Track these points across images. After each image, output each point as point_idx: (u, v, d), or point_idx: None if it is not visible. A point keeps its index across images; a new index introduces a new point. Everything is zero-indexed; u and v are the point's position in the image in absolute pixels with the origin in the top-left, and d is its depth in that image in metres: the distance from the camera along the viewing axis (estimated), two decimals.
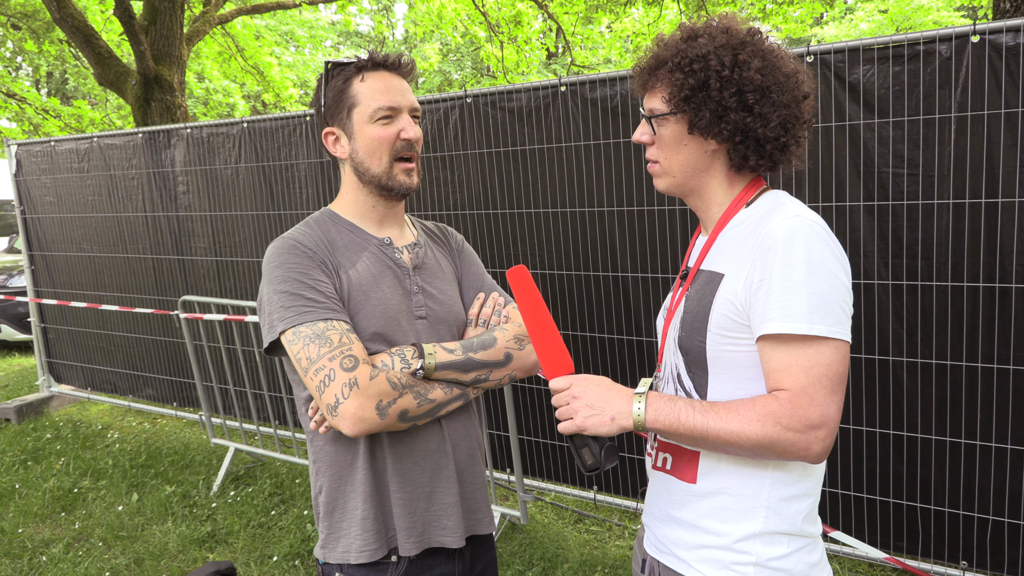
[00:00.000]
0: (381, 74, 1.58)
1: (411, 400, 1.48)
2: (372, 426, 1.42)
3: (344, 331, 1.46)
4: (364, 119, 1.56)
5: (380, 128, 1.56)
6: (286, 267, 1.50)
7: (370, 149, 1.57)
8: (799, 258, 1.21)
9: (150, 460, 4.84)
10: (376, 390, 1.42)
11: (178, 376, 5.43)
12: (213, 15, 8.73)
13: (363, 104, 1.56)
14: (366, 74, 1.57)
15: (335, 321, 1.46)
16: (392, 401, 1.44)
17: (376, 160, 1.58)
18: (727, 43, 1.30)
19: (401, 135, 1.57)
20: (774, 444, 1.22)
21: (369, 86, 1.56)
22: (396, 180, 1.60)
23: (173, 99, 7.30)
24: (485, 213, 3.70)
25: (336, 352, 1.42)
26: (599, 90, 3.28)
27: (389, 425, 1.45)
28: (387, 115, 1.56)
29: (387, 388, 1.44)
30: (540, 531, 3.76)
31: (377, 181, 1.59)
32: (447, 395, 1.55)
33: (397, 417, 1.46)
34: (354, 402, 1.39)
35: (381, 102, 1.55)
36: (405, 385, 1.47)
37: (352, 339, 1.46)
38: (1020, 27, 2.46)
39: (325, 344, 1.42)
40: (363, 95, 1.56)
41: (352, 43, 26.74)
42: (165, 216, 5.06)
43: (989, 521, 2.82)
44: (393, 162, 1.58)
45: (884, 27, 18.12)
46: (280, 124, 4.36)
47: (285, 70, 14.99)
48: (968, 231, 2.65)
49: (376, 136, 1.56)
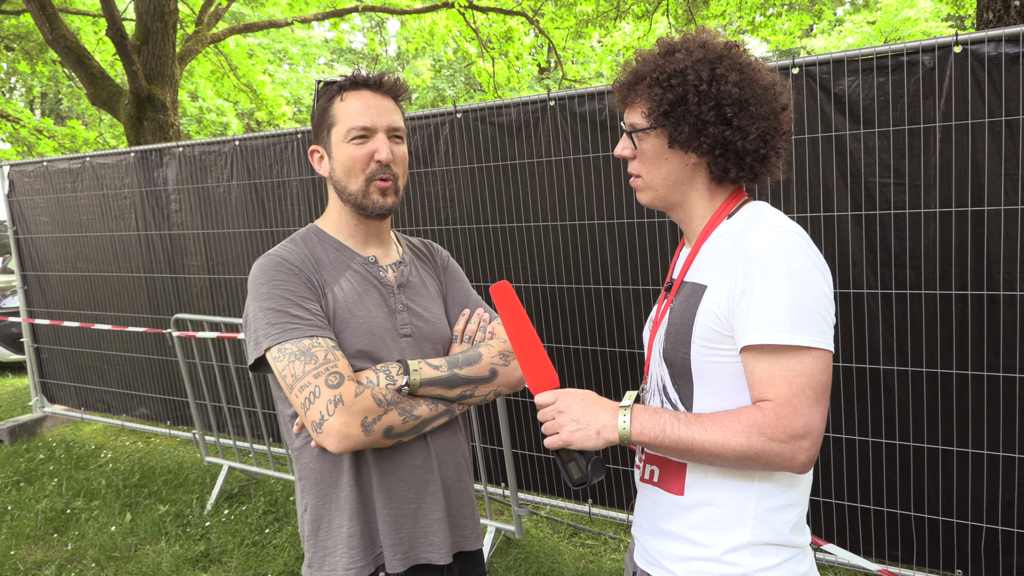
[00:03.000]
0: (361, 93, 1.58)
1: (396, 417, 1.48)
2: (357, 443, 1.42)
3: (330, 348, 1.46)
4: (340, 138, 1.57)
5: (354, 148, 1.56)
6: (272, 284, 1.50)
7: (345, 168, 1.58)
8: (780, 269, 1.22)
9: (144, 479, 4.81)
10: (361, 407, 1.42)
11: (171, 394, 5.41)
12: (206, 34, 8.77)
13: (339, 123, 1.57)
14: (346, 93, 1.58)
15: (320, 338, 1.46)
16: (377, 418, 1.44)
17: (352, 179, 1.58)
18: (704, 57, 1.32)
19: (375, 156, 1.57)
20: (759, 455, 1.22)
21: (347, 105, 1.57)
22: (370, 199, 1.59)
23: (166, 118, 7.32)
24: (476, 228, 3.71)
25: (321, 369, 1.42)
26: (587, 104, 3.30)
27: (374, 442, 1.45)
28: (361, 135, 1.56)
29: (372, 405, 1.44)
30: (535, 545, 3.75)
31: (353, 200, 1.60)
32: (432, 411, 1.55)
33: (382, 434, 1.46)
34: (339, 419, 1.39)
35: (355, 122, 1.56)
36: (390, 402, 1.47)
37: (337, 356, 1.46)
38: (1001, 37, 2.48)
39: (310, 361, 1.42)
40: (340, 114, 1.57)
41: (346, 60, 26.85)
42: (158, 234, 5.06)
43: (983, 529, 2.82)
44: (368, 182, 1.58)
45: (872, 38, 18.29)
46: (272, 142, 4.38)
47: (278, 88, 15.04)
48: (955, 239, 2.67)
49: (350, 156, 1.57)
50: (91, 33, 11.38)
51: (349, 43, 24.38)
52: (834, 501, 3.08)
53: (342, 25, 12.99)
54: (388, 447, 1.54)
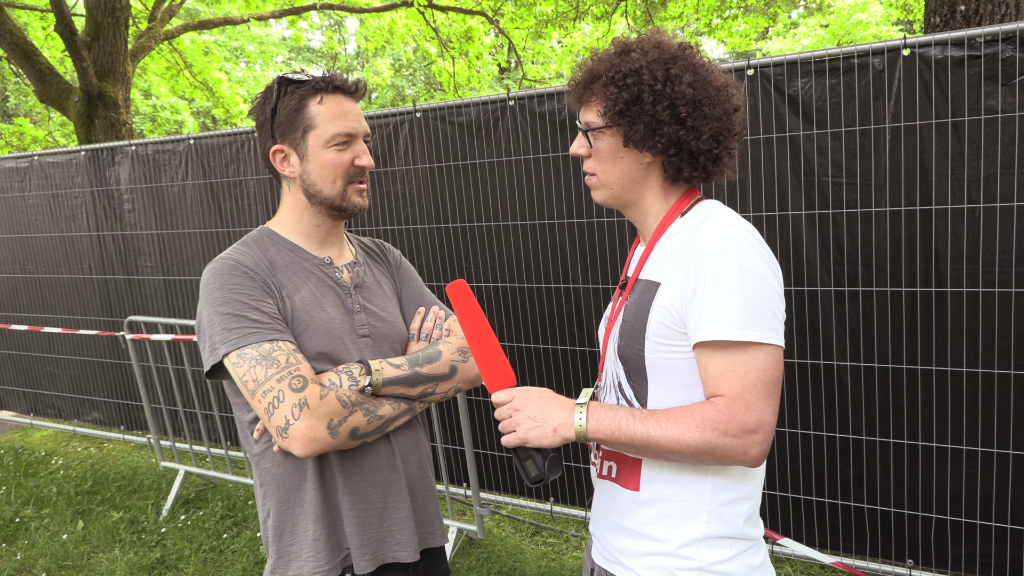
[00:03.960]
0: (338, 98, 1.57)
1: (361, 417, 1.47)
2: (324, 446, 1.41)
3: (291, 351, 1.44)
4: (320, 143, 1.55)
5: (335, 154, 1.55)
6: (227, 288, 1.48)
7: (324, 173, 1.56)
8: (731, 266, 1.24)
9: (96, 486, 4.70)
10: (326, 409, 1.41)
11: (125, 399, 5.29)
12: (159, 31, 8.59)
13: (320, 128, 1.54)
14: (325, 96, 1.55)
15: (281, 341, 1.45)
16: (343, 419, 1.44)
17: (329, 184, 1.57)
18: (659, 57, 1.33)
19: (355, 162, 1.58)
20: (712, 450, 1.24)
21: (328, 109, 1.55)
22: (350, 201, 1.60)
23: (118, 116, 7.14)
24: (435, 227, 3.69)
25: (284, 373, 1.40)
26: (547, 104, 3.31)
27: (340, 444, 1.45)
28: (344, 141, 1.56)
29: (337, 407, 1.43)
30: (497, 545, 3.75)
31: (330, 202, 1.59)
32: (395, 410, 1.55)
33: (348, 435, 1.45)
34: (305, 422, 1.38)
35: (339, 128, 1.55)
36: (354, 403, 1.47)
37: (299, 359, 1.45)
38: (947, 41, 2.55)
39: (272, 365, 1.41)
40: (320, 119, 1.54)
41: (304, 58, 26.53)
42: (111, 235, 4.94)
43: (933, 519, 2.89)
44: (347, 185, 1.59)
45: (826, 41, 18.65)
46: (227, 140, 4.31)
47: (235, 86, 14.79)
48: (904, 237, 2.73)
49: (331, 162, 1.56)
50: (39, 28, 11.06)
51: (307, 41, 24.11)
52: (789, 495, 3.13)
53: (300, 23, 12.82)
54: (352, 448, 1.53)
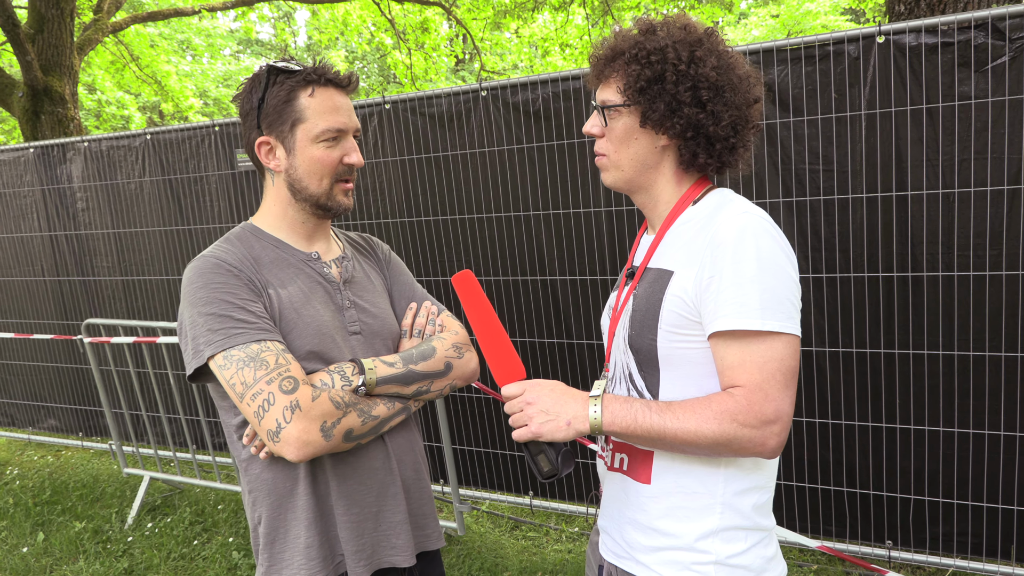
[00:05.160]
0: (330, 91, 1.50)
1: (355, 419, 1.42)
2: (318, 449, 1.35)
3: (280, 352, 1.38)
4: (309, 138, 1.48)
5: (324, 150, 1.49)
6: (210, 287, 1.40)
7: (311, 170, 1.50)
8: (750, 255, 1.22)
9: (56, 496, 4.53)
10: (319, 411, 1.35)
11: (84, 404, 5.12)
12: (106, 23, 8.31)
13: (310, 122, 1.47)
14: (316, 89, 1.48)
15: (269, 342, 1.38)
16: (336, 421, 1.38)
17: (316, 181, 1.51)
18: (685, 39, 1.30)
19: (344, 160, 1.51)
20: (731, 441, 1.22)
21: (319, 103, 1.48)
22: (336, 201, 1.54)
23: (65, 111, 6.89)
24: (410, 221, 3.63)
25: (274, 375, 1.34)
26: (520, 94, 3.27)
27: (334, 446, 1.39)
28: (334, 136, 1.49)
29: (331, 408, 1.37)
30: (477, 541, 3.71)
31: (315, 200, 1.53)
32: (390, 410, 1.50)
33: (342, 437, 1.40)
34: (297, 425, 1.32)
35: (330, 123, 1.48)
36: (348, 403, 1.41)
37: (289, 359, 1.38)
38: (922, 28, 2.58)
39: (261, 367, 1.34)
40: (311, 112, 1.47)
41: (253, 51, 26.03)
42: (64, 235, 4.76)
43: (911, 500, 2.94)
44: (334, 184, 1.52)
45: (776, 31, 18.92)
46: (187, 135, 4.17)
47: (184, 79, 14.41)
48: (881, 223, 2.76)
49: (319, 158, 1.49)
50: None
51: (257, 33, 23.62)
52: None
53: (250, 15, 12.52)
54: (346, 451, 1.48)
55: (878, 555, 3.04)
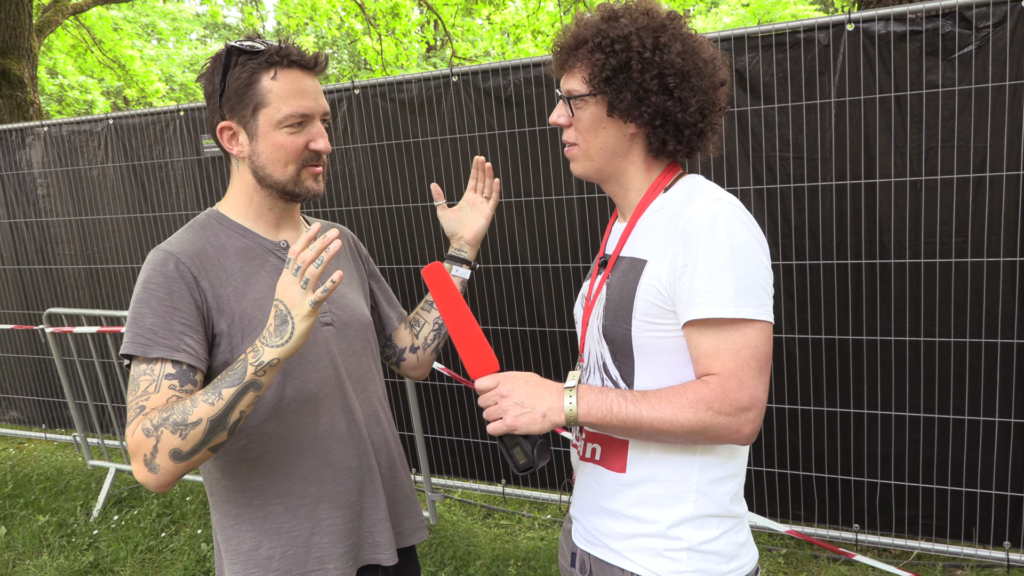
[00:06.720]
0: (295, 73, 1.41)
1: (173, 437, 1.23)
2: (158, 484, 1.26)
3: (158, 376, 1.30)
4: (271, 123, 1.39)
5: (288, 136, 1.40)
6: (145, 286, 1.34)
7: (274, 157, 1.42)
8: (722, 242, 1.21)
9: (18, 489, 4.43)
10: (135, 447, 1.26)
11: (47, 395, 5.01)
12: (66, 4, 8.09)
13: (272, 106, 1.39)
14: (279, 71, 1.39)
15: (160, 362, 1.30)
16: (153, 450, 1.23)
17: (280, 168, 1.43)
18: (648, 25, 1.28)
19: (310, 145, 1.43)
20: (707, 429, 1.21)
21: (281, 86, 1.39)
22: (303, 186, 1.46)
23: (24, 95, 6.71)
24: (379, 208, 3.59)
25: (138, 400, 1.29)
26: (491, 80, 3.23)
27: (172, 473, 1.25)
28: (298, 122, 1.41)
29: (142, 439, 1.24)
30: (450, 529, 3.70)
31: (280, 187, 1.45)
32: (215, 405, 1.24)
33: (171, 461, 1.24)
34: (134, 466, 1.27)
35: (293, 107, 1.39)
36: (157, 425, 1.24)
37: (159, 387, 1.29)
38: (891, 16, 2.59)
39: (135, 388, 1.30)
40: (273, 96, 1.39)
41: (220, 36, 25.57)
42: (24, 222, 4.64)
43: (878, 485, 2.98)
44: (300, 170, 1.44)
45: (746, 20, 19.02)
46: (151, 120, 4.08)
47: (148, 64, 14.11)
48: (850, 211, 2.78)
49: (282, 144, 1.41)
50: None
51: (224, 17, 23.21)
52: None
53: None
54: (322, 452, 1.44)
55: (845, 538, 3.08)
